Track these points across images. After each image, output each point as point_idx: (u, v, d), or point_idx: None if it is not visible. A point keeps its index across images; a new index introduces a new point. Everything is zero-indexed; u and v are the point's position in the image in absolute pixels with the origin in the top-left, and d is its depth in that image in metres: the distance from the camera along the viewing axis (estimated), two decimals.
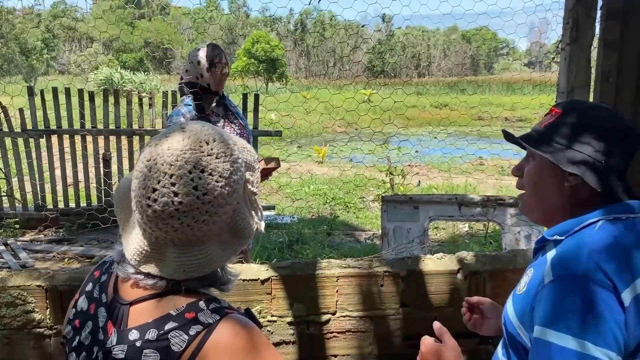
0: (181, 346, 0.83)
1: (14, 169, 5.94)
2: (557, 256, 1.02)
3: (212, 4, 58.38)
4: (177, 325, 0.85)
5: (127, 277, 0.92)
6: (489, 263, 2.31)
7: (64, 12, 49.53)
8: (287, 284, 2.20)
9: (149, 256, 0.89)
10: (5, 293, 2.06)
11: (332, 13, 48.36)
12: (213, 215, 0.86)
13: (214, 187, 0.85)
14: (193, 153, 0.85)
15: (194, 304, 0.88)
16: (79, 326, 0.95)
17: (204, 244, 0.88)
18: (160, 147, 0.86)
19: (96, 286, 0.98)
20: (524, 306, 1.04)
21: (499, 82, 27.17)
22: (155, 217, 0.85)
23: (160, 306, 0.88)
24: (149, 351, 0.84)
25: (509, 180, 8.97)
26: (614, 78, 2.14)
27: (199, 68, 2.91)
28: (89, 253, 5.04)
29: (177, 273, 0.88)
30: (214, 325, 0.85)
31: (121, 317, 0.90)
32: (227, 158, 0.88)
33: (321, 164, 10.65)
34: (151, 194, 0.84)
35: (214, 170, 0.85)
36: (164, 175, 0.84)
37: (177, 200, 0.83)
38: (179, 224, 0.84)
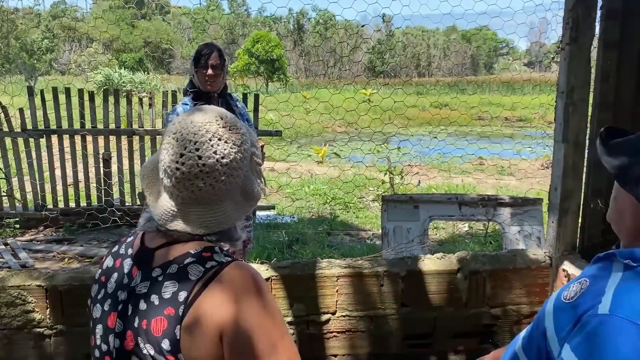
0: (197, 275, 0.97)
1: (14, 169, 5.94)
2: (623, 288, 0.91)
3: (213, 3, 58.38)
4: (195, 260, 1.00)
5: (156, 230, 1.06)
6: (489, 263, 2.31)
7: (64, 12, 49.54)
8: (287, 284, 2.20)
9: (175, 215, 1.03)
10: (5, 293, 2.06)
11: (331, 13, 48.39)
12: (229, 177, 1.02)
13: (230, 152, 1.02)
14: (212, 125, 1.02)
15: (210, 247, 1.04)
16: (104, 280, 1.10)
17: (222, 203, 1.04)
18: (184, 122, 1.03)
19: (122, 245, 1.13)
20: (567, 319, 0.96)
21: (499, 82, 27.15)
22: (183, 178, 1.00)
23: (181, 247, 1.03)
24: (168, 282, 0.98)
25: (509, 180, 8.97)
26: (614, 78, 2.14)
27: (192, 68, 2.89)
28: (89, 253, 5.04)
29: (200, 228, 1.03)
30: (227, 264, 1.00)
31: (146, 260, 1.04)
32: (237, 130, 1.05)
33: (321, 163, 10.65)
34: (179, 159, 1.00)
35: (229, 139, 1.03)
36: (189, 143, 1.00)
37: (202, 162, 1.00)
38: (202, 183, 1.00)
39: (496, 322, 2.34)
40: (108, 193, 5.85)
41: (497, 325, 2.34)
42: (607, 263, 1.01)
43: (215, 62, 2.83)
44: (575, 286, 1.00)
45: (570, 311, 0.95)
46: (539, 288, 2.33)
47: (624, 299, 0.89)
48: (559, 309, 0.99)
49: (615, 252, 0.99)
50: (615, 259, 0.99)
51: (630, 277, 0.93)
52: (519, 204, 4.08)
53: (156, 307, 0.97)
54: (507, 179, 9.11)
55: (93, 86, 20.53)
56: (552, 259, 2.31)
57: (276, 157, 9.83)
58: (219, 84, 2.89)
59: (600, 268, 1.01)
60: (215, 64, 2.83)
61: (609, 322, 0.87)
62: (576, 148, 2.19)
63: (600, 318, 0.88)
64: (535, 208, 4.06)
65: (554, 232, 2.29)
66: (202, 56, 2.82)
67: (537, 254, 2.37)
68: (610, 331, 0.86)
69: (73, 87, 5.88)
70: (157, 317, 0.96)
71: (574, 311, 0.94)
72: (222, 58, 2.88)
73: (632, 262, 0.95)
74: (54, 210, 5.84)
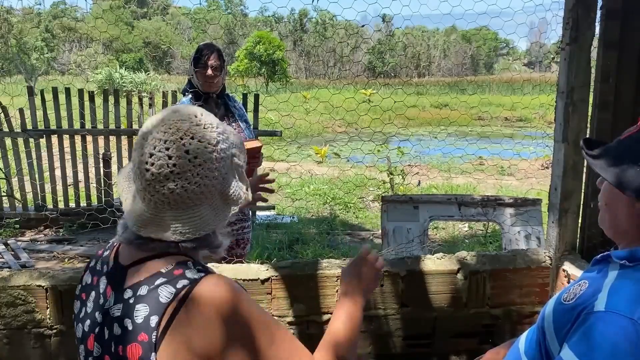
0: (168, 298, 0.91)
1: (14, 169, 5.94)
2: (618, 285, 0.93)
3: (214, 3, 58.37)
4: (166, 280, 0.93)
5: (129, 242, 1.00)
6: (489, 263, 2.31)
7: (64, 12, 49.53)
8: (287, 284, 2.20)
9: (148, 221, 0.97)
10: (6, 293, 2.06)
11: (331, 14, 48.38)
12: (204, 178, 0.96)
13: (203, 152, 0.95)
14: (184, 123, 0.96)
15: (182, 263, 0.97)
16: (84, 298, 1.06)
17: (197, 207, 0.97)
18: (155, 120, 0.98)
19: (99, 261, 1.09)
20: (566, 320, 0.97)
21: (499, 82, 27.17)
22: (152, 179, 0.94)
23: (152, 266, 0.96)
24: (140, 305, 0.92)
25: (509, 180, 8.97)
26: (614, 78, 2.14)
27: (191, 68, 2.89)
28: (89, 253, 5.04)
29: (174, 235, 0.96)
30: (199, 280, 0.93)
31: (119, 279, 0.99)
32: (213, 129, 0.99)
33: (321, 163, 10.66)
34: (148, 159, 0.94)
35: (203, 137, 0.96)
36: (159, 142, 0.95)
37: (172, 163, 0.94)
38: (174, 185, 0.94)
39: (496, 322, 2.34)
40: (108, 193, 5.85)
41: (497, 325, 2.34)
42: (604, 265, 1.03)
43: (215, 63, 2.84)
44: (574, 288, 1.02)
45: (570, 312, 0.97)
46: (539, 288, 2.33)
47: (619, 295, 0.91)
48: (558, 311, 1.01)
49: (611, 253, 1.01)
50: (611, 260, 1.01)
51: (626, 275, 0.95)
52: (519, 204, 4.08)
53: (130, 333, 0.92)
54: (507, 179, 9.11)
55: (94, 86, 20.55)
56: (552, 259, 2.31)
57: (276, 157, 9.84)
58: (218, 84, 2.90)
59: (598, 270, 1.03)
60: (215, 65, 2.84)
61: (604, 318, 0.89)
62: (576, 148, 2.19)
63: (596, 315, 0.90)
64: (535, 208, 4.06)
65: (554, 232, 2.29)
66: (202, 56, 2.83)
67: (537, 254, 2.37)
68: (606, 327, 0.88)
69: (73, 87, 5.88)
70: (132, 343, 0.91)
71: (573, 311, 0.96)
72: (221, 59, 2.89)
73: (628, 262, 0.97)
74: (54, 210, 5.84)
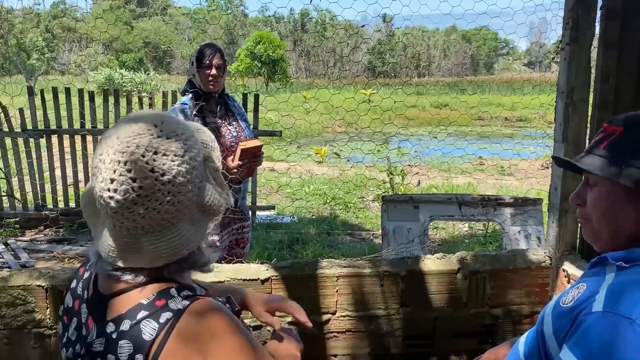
0: (152, 335, 0.83)
1: (14, 169, 5.94)
2: (616, 286, 0.94)
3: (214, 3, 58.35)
4: (148, 313, 0.85)
5: (107, 274, 0.92)
6: (489, 263, 2.31)
7: (64, 12, 49.52)
8: (287, 284, 2.20)
9: (124, 250, 0.88)
10: (6, 293, 2.06)
11: (332, 13, 48.40)
12: (177, 195, 0.86)
13: (171, 167, 0.85)
14: (143, 137, 0.85)
15: (164, 292, 0.88)
16: (67, 322, 0.98)
17: (175, 226, 0.88)
18: (110, 140, 0.86)
19: (79, 283, 1.01)
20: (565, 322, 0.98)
21: (499, 82, 27.17)
22: (119, 207, 0.84)
23: (133, 296, 0.88)
24: (123, 342, 0.84)
25: (509, 180, 8.97)
26: (614, 78, 2.14)
27: (192, 68, 2.90)
28: (89, 253, 5.04)
29: (156, 260, 0.88)
30: (183, 310, 0.85)
31: (100, 311, 0.91)
32: (178, 137, 0.88)
33: (321, 163, 10.66)
34: (110, 185, 0.84)
35: (167, 150, 0.85)
36: (118, 164, 0.84)
37: (137, 186, 0.83)
38: (144, 209, 0.84)
39: (496, 322, 2.34)
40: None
41: (497, 325, 2.34)
42: (601, 267, 1.04)
43: (218, 63, 2.86)
44: (572, 291, 1.02)
45: (568, 314, 0.97)
46: (539, 288, 2.33)
47: (616, 296, 0.91)
48: (557, 314, 1.02)
49: (607, 255, 1.02)
50: (608, 262, 1.02)
51: (623, 276, 0.96)
52: (519, 204, 4.08)
53: None
54: (507, 179, 9.11)
55: (94, 86, 20.55)
56: (552, 259, 2.31)
57: (276, 157, 9.84)
58: (220, 84, 2.91)
59: (595, 272, 1.04)
60: (218, 64, 2.86)
61: (602, 318, 0.89)
62: (576, 148, 2.19)
63: (594, 315, 0.90)
64: (535, 208, 4.06)
65: (554, 232, 2.29)
66: (205, 56, 2.84)
67: (537, 254, 2.37)
68: (604, 327, 0.88)
69: (73, 87, 5.88)
70: None
71: (571, 313, 0.96)
72: (223, 59, 2.91)
73: (625, 263, 0.97)
74: (54, 210, 5.84)
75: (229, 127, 2.95)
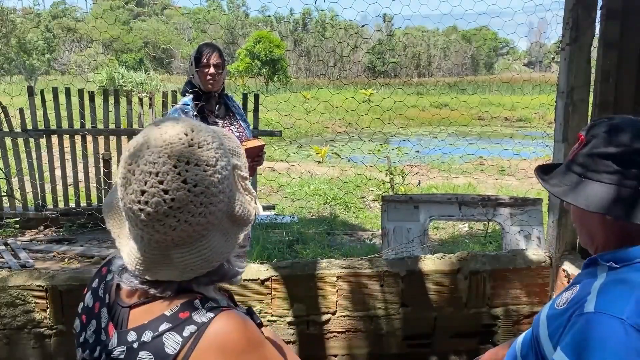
0: (175, 348, 0.81)
1: (14, 169, 5.94)
2: (607, 286, 0.95)
3: (214, 3, 58.36)
4: (171, 326, 0.83)
5: (134, 287, 0.89)
6: (489, 263, 2.31)
7: (64, 12, 49.54)
8: (287, 284, 2.20)
9: (153, 262, 0.86)
10: (6, 293, 2.06)
11: (333, 13, 48.39)
12: (209, 206, 0.83)
13: (203, 177, 0.82)
14: (174, 147, 0.82)
15: (188, 303, 0.85)
16: (85, 322, 0.96)
17: (205, 238, 0.86)
18: (139, 148, 0.84)
19: (101, 284, 0.98)
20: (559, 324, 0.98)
21: (499, 82, 27.15)
22: (150, 220, 0.82)
23: (156, 307, 0.86)
24: (144, 353, 0.82)
25: (509, 180, 8.97)
26: (614, 78, 2.14)
27: (192, 68, 2.90)
28: (89, 253, 5.04)
29: (185, 273, 0.85)
30: (207, 323, 0.82)
31: (122, 319, 0.89)
32: (209, 146, 0.85)
33: (321, 163, 10.66)
34: (141, 197, 0.81)
35: (199, 160, 0.83)
36: (149, 175, 0.81)
37: (169, 198, 0.81)
38: (176, 222, 0.82)
39: (496, 322, 2.34)
40: (108, 193, 5.85)
41: (497, 325, 2.34)
42: (593, 268, 1.05)
43: (216, 62, 2.85)
44: (566, 294, 1.03)
45: (561, 316, 0.98)
46: (539, 288, 2.33)
47: (607, 296, 0.92)
48: (551, 317, 1.03)
49: (597, 256, 1.03)
50: (599, 262, 1.03)
51: (613, 276, 0.97)
52: (519, 204, 4.08)
53: None
54: (507, 179, 9.11)
55: (94, 86, 20.56)
56: (552, 259, 2.31)
57: (276, 157, 9.84)
58: (220, 83, 2.91)
59: (588, 273, 1.05)
60: (217, 63, 2.86)
61: (593, 319, 0.90)
62: None
63: (586, 316, 0.91)
64: (535, 208, 4.06)
65: (554, 232, 2.29)
66: (204, 56, 2.84)
67: (537, 254, 2.37)
68: (596, 327, 0.89)
69: (73, 87, 5.88)
70: None
71: (565, 315, 0.97)
72: (222, 57, 2.90)
73: (615, 263, 0.98)
74: (54, 210, 5.84)
75: (231, 128, 2.95)
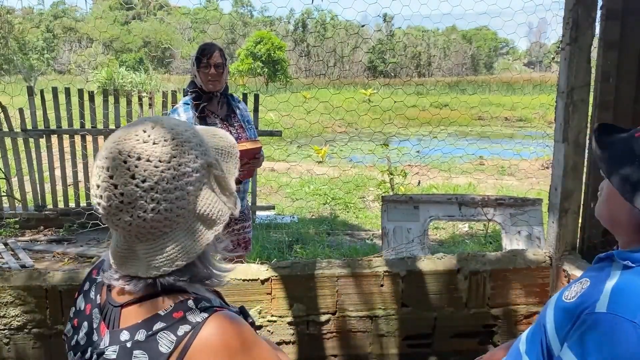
0: (169, 347, 0.82)
1: (14, 169, 5.94)
2: (620, 287, 0.93)
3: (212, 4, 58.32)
4: (165, 325, 0.84)
5: (111, 284, 0.91)
6: (489, 263, 2.31)
7: (64, 12, 49.51)
8: (287, 284, 2.20)
9: (123, 257, 0.88)
10: (5, 293, 2.06)
11: (333, 13, 48.40)
12: (162, 202, 0.83)
13: (153, 172, 0.82)
14: (127, 142, 0.83)
15: (182, 303, 0.86)
16: (77, 325, 0.96)
17: (168, 235, 0.86)
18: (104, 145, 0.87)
19: (92, 286, 0.99)
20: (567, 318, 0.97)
21: (499, 82, 27.15)
22: (107, 214, 0.84)
23: (149, 307, 0.87)
24: (138, 352, 0.83)
25: (509, 180, 8.97)
26: (614, 78, 2.14)
27: (193, 69, 2.89)
28: (88, 253, 5.04)
29: (150, 270, 0.86)
30: (202, 323, 0.83)
31: (113, 318, 0.89)
32: (166, 142, 0.85)
33: (321, 163, 10.66)
34: (97, 191, 0.84)
35: (151, 155, 0.83)
36: (102, 170, 0.83)
37: (118, 192, 0.82)
38: (129, 217, 0.83)
39: (496, 322, 2.34)
40: None
41: (497, 325, 2.34)
42: (607, 264, 1.02)
43: (217, 61, 2.85)
44: (576, 286, 1.01)
45: (571, 310, 0.96)
46: (539, 288, 2.33)
47: (621, 297, 0.90)
48: (560, 309, 1.00)
49: (614, 252, 1.01)
50: (614, 259, 1.00)
51: (628, 276, 0.95)
52: (519, 204, 4.08)
53: None
54: (507, 179, 9.11)
55: (94, 86, 20.55)
56: (552, 259, 2.31)
57: (276, 157, 9.84)
58: (221, 83, 2.90)
59: (601, 268, 1.03)
60: (218, 63, 2.85)
61: (606, 320, 0.88)
62: (576, 148, 2.19)
63: (598, 316, 0.90)
64: (535, 208, 4.06)
65: (554, 232, 2.29)
66: (204, 56, 2.83)
67: (537, 254, 2.37)
68: (607, 329, 0.87)
69: (73, 87, 5.88)
70: None
71: (574, 310, 0.95)
72: (223, 57, 2.89)
73: (631, 262, 0.96)
74: (53, 210, 5.84)
75: (230, 128, 2.94)
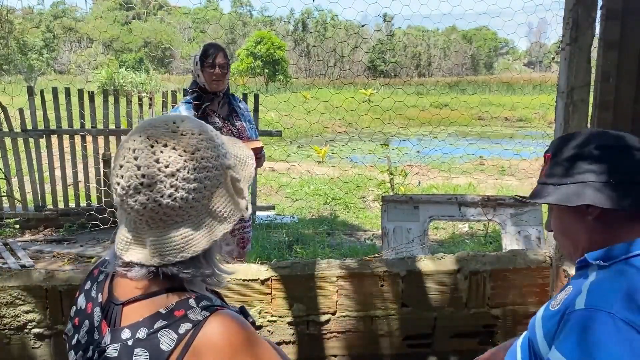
0: (170, 345, 0.82)
1: (14, 169, 5.94)
2: (596, 283, 0.98)
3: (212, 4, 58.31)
4: (166, 323, 0.84)
5: (115, 270, 0.93)
6: (489, 263, 2.31)
7: (64, 12, 49.50)
8: (287, 284, 2.20)
9: (130, 242, 0.90)
10: (5, 293, 2.06)
11: (333, 13, 48.37)
12: (179, 190, 0.86)
13: (176, 160, 0.86)
14: (157, 129, 0.88)
15: (183, 302, 0.87)
16: (77, 324, 0.97)
17: (178, 225, 0.88)
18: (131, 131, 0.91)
19: (94, 285, 0.99)
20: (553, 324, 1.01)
21: (499, 82, 27.15)
22: (123, 194, 0.86)
23: (151, 305, 0.88)
24: (139, 350, 0.83)
25: (509, 180, 8.97)
26: (614, 78, 2.14)
27: (196, 68, 2.90)
28: (88, 253, 5.04)
29: (154, 257, 0.87)
30: (203, 322, 0.84)
31: (115, 316, 0.90)
32: (194, 136, 0.88)
33: (321, 163, 10.66)
34: (118, 171, 0.87)
35: (177, 144, 0.86)
36: (128, 151, 0.87)
37: (140, 173, 0.85)
38: (145, 199, 0.85)
39: (496, 322, 2.34)
40: (108, 193, 5.85)
41: (497, 325, 2.34)
42: (584, 270, 1.08)
43: (222, 62, 2.87)
44: (560, 295, 1.07)
45: (556, 316, 1.02)
46: (539, 288, 2.33)
47: (597, 292, 0.95)
48: (547, 317, 1.06)
49: (586, 256, 1.06)
50: (589, 263, 1.06)
51: (602, 274, 1.01)
52: (518, 204, 4.08)
53: None
54: (508, 179, 9.11)
55: (94, 86, 20.55)
56: (552, 259, 2.31)
57: (276, 157, 9.84)
58: (225, 83, 2.93)
59: (580, 274, 1.08)
60: (222, 64, 2.87)
61: (584, 315, 0.93)
62: None
63: (577, 312, 0.94)
64: (535, 208, 4.06)
65: None
66: (209, 56, 2.85)
67: (537, 254, 2.37)
68: (587, 323, 0.92)
69: (73, 87, 5.88)
70: None
71: (558, 315, 1.01)
72: (227, 58, 2.92)
73: (603, 262, 1.02)
74: (54, 210, 5.84)
75: (231, 128, 2.94)
